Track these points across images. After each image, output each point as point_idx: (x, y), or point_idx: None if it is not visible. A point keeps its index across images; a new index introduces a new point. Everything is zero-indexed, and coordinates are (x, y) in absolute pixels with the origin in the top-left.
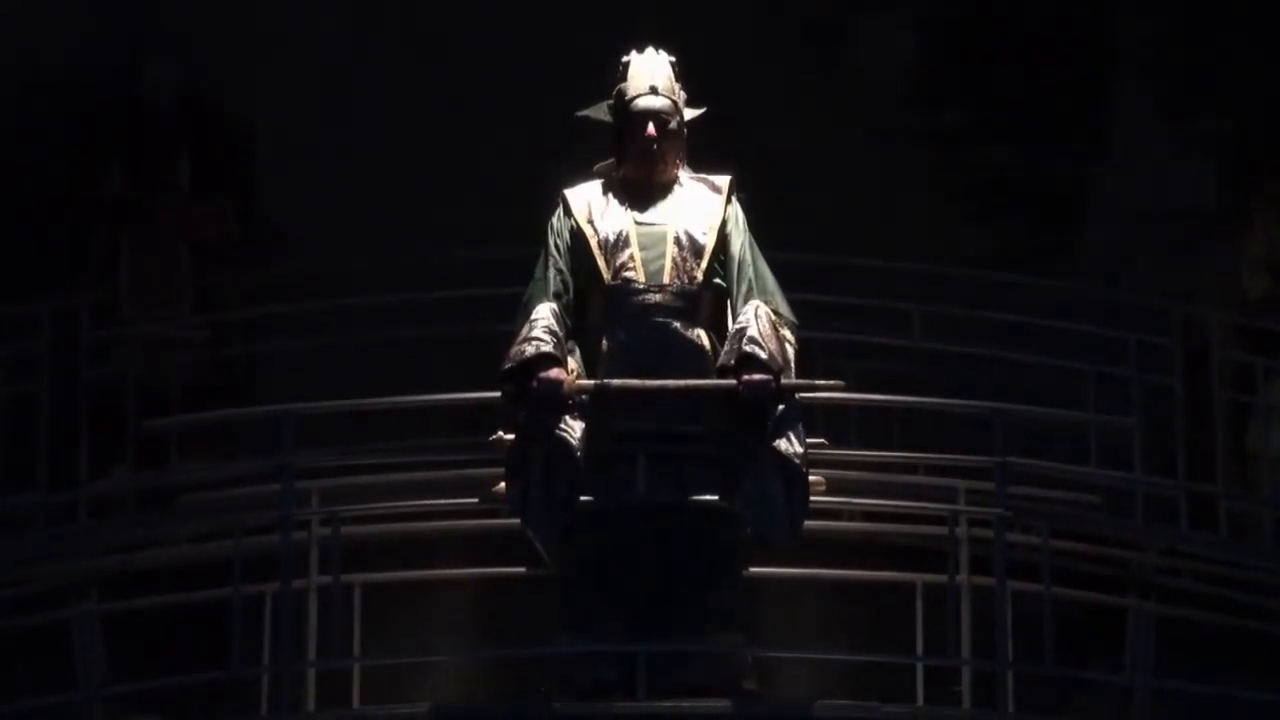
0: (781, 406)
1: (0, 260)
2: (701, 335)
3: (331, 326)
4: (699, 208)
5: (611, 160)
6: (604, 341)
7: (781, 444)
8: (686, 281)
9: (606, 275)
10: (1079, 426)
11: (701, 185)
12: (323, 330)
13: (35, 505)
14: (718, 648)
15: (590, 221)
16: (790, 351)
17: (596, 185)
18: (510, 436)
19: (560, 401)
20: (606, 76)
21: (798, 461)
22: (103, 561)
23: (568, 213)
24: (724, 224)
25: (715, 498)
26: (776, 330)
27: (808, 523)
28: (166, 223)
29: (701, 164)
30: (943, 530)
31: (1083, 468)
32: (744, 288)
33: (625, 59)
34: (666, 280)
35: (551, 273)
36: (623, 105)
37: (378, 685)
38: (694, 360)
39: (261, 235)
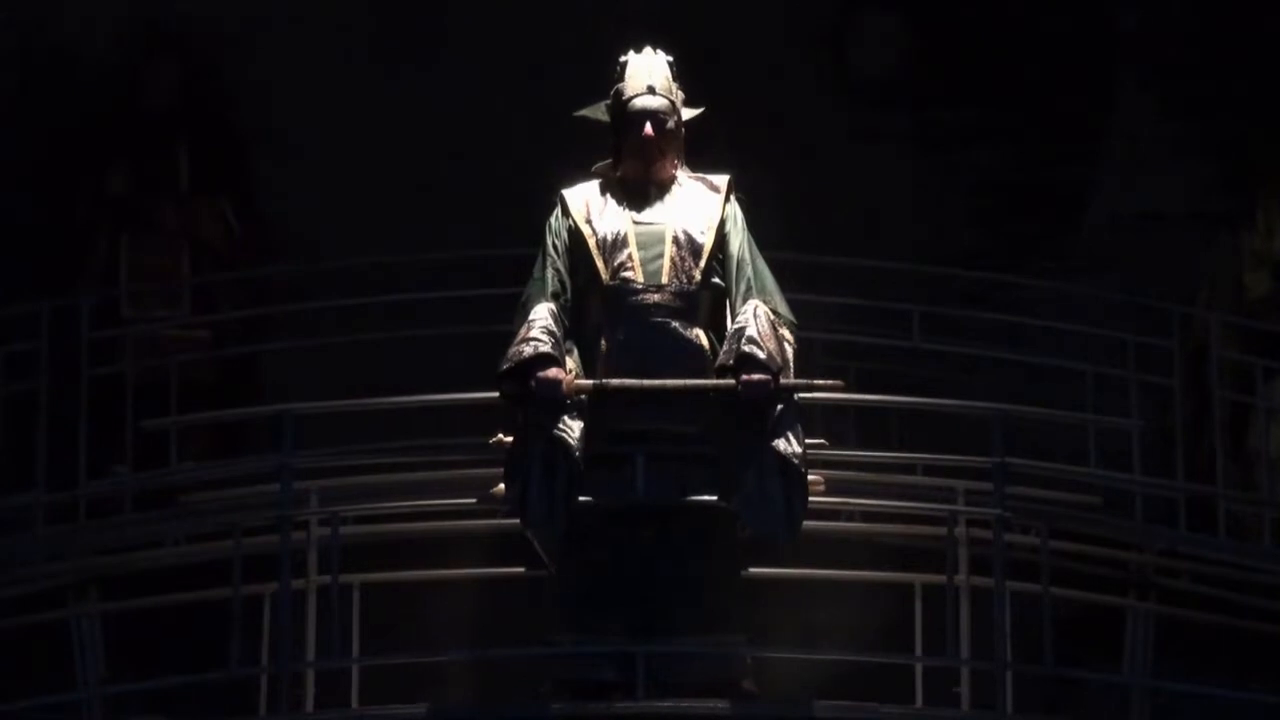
0: (780, 406)
1: (0, 260)
2: (700, 335)
3: (331, 326)
4: (697, 207)
5: (609, 160)
6: (602, 341)
7: (780, 444)
8: (685, 281)
9: (605, 275)
10: (1078, 427)
11: (700, 185)
12: (322, 330)
13: (35, 505)
14: (718, 648)
15: (588, 221)
16: (789, 351)
17: (594, 185)
18: (509, 438)
19: (559, 401)
20: (606, 74)
21: (796, 461)
22: (103, 561)
23: (566, 213)
24: (722, 223)
25: (714, 498)
26: (775, 330)
27: (807, 523)
28: (166, 223)
29: (699, 164)
30: (942, 531)
31: (1082, 468)
32: (743, 287)
33: (623, 58)
34: (665, 280)
35: (549, 273)
36: (620, 105)
37: (377, 685)
38: (693, 360)
39: (261, 235)
